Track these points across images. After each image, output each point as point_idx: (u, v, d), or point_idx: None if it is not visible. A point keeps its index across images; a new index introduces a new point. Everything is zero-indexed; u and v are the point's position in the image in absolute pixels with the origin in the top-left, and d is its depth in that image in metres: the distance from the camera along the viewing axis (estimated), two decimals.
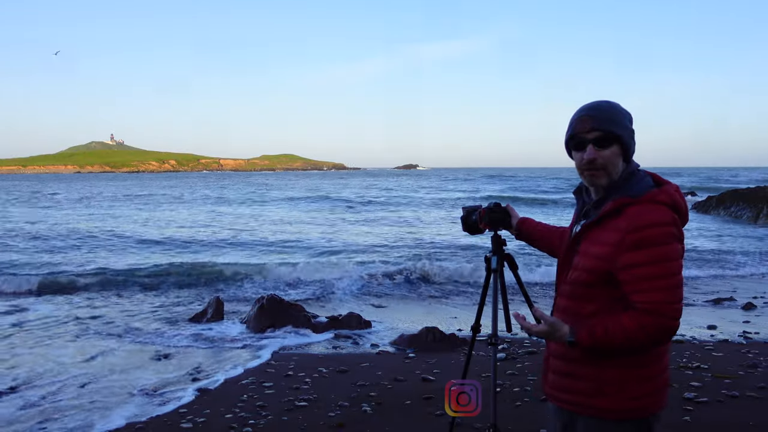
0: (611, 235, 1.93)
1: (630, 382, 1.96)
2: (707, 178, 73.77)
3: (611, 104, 2.03)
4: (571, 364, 2.03)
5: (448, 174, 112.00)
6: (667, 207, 1.93)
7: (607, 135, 1.96)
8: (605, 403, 1.97)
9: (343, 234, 19.49)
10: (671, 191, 1.97)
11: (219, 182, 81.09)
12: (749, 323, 7.70)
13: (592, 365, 1.98)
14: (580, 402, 2.02)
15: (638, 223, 1.88)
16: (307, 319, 7.64)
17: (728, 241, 16.81)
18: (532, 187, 53.82)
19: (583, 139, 2.00)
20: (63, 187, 63.33)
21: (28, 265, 12.78)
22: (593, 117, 1.98)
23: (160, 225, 22.48)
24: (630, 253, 1.88)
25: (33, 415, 4.76)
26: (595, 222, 2.01)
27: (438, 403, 4.79)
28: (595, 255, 1.97)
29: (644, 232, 1.87)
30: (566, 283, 2.09)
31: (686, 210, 2.01)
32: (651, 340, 1.87)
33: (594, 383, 1.98)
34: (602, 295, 1.98)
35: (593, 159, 1.97)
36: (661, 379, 2.00)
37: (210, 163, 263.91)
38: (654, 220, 1.89)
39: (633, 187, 1.97)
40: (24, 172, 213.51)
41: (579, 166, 2.03)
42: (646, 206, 1.91)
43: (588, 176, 2.02)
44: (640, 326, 1.86)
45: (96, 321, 8.09)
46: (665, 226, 1.89)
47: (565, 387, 2.06)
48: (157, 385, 5.45)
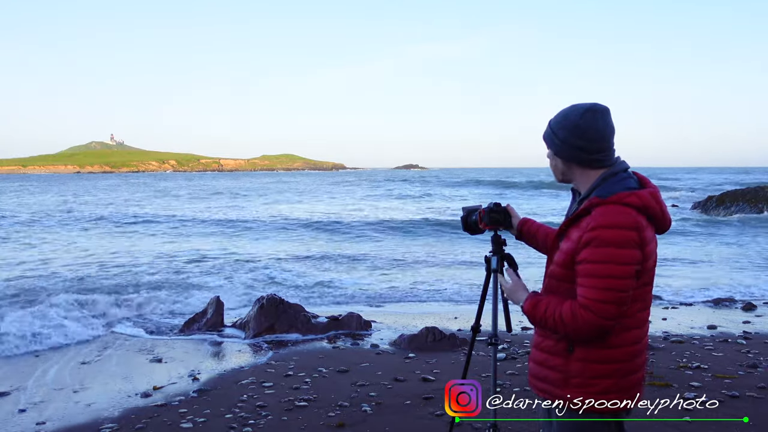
0: (577, 233, 2.04)
1: (595, 377, 2.04)
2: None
3: (553, 120, 2.18)
4: (543, 354, 2.18)
5: (441, 175, 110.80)
6: (634, 210, 1.99)
7: (550, 150, 2.20)
8: (572, 394, 2.07)
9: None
10: (644, 195, 2.03)
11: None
12: (749, 323, 7.70)
13: (560, 357, 2.10)
14: (551, 391, 2.13)
15: (596, 222, 1.98)
16: (307, 319, 7.64)
17: (728, 241, 16.81)
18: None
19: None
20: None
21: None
22: (544, 132, 2.22)
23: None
24: (584, 249, 2.00)
25: (32, 415, 4.77)
26: (571, 220, 2.11)
27: (438, 403, 4.79)
28: (564, 251, 2.10)
29: (599, 232, 1.96)
30: (547, 276, 2.23)
31: (662, 215, 2.06)
32: (580, 331, 2.00)
33: (561, 374, 2.10)
34: (571, 289, 2.08)
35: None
36: (631, 378, 2.07)
37: (210, 163, 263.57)
38: (612, 221, 1.96)
39: (608, 188, 2.06)
40: (24, 172, 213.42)
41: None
42: (611, 207, 1.99)
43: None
44: (573, 315, 1.99)
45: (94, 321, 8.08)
46: (622, 229, 1.96)
47: (539, 375, 2.19)
48: (156, 385, 5.45)
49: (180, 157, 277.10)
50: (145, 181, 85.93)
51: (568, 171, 2.18)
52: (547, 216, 24.56)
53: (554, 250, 2.19)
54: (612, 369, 2.04)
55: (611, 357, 2.03)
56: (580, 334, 2.01)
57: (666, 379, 5.26)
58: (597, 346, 2.03)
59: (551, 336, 2.13)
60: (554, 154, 2.18)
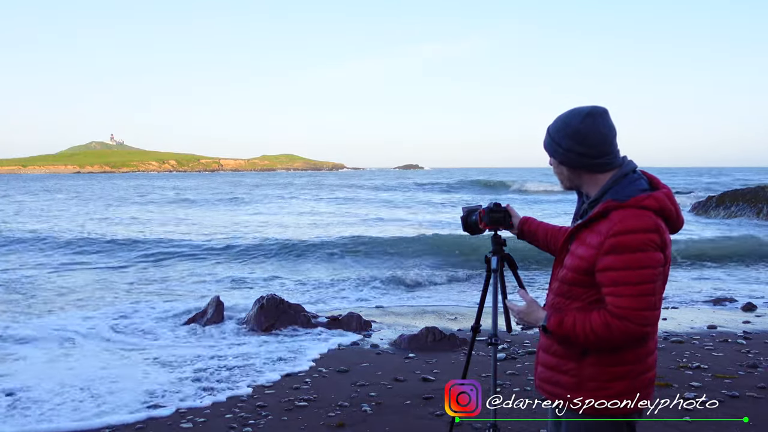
0: (595, 238, 2.00)
1: (610, 380, 2.02)
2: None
3: (552, 128, 2.14)
4: (555, 358, 2.13)
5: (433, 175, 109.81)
6: (652, 212, 1.96)
7: (553, 159, 2.16)
8: (586, 398, 2.04)
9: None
10: (660, 196, 2.00)
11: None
12: (749, 323, 7.70)
13: (574, 361, 2.06)
14: (563, 395, 2.10)
15: (618, 227, 1.93)
16: (307, 318, 7.64)
17: (728, 241, 16.79)
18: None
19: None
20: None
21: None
22: (544, 141, 2.18)
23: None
24: (607, 256, 1.94)
25: (33, 414, 4.76)
26: (585, 224, 2.07)
27: (438, 403, 4.79)
28: (579, 255, 2.05)
29: (622, 238, 1.92)
30: (556, 280, 2.18)
31: (677, 216, 2.04)
32: (615, 341, 1.95)
33: (575, 378, 2.06)
34: (585, 294, 2.05)
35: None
36: (643, 378, 2.06)
37: (210, 163, 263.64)
38: (634, 226, 1.93)
39: (622, 190, 2.01)
40: (24, 172, 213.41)
41: None
42: (629, 211, 1.95)
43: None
44: (605, 325, 1.93)
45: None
46: (645, 233, 1.92)
47: (550, 379, 2.15)
48: (156, 385, 5.44)
49: (180, 157, 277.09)
50: (111, 182, 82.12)
51: (576, 178, 2.14)
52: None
53: (564, 252, 2.16)
54: (625, 371, 2.02)
55: (624, 359, 2.02)
56: (614, 344, 1.97)
57: (666, 379, 5.26)
58: (612, 349, 2.00)
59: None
60: (559, 163, 2.14)
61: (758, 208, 22.37)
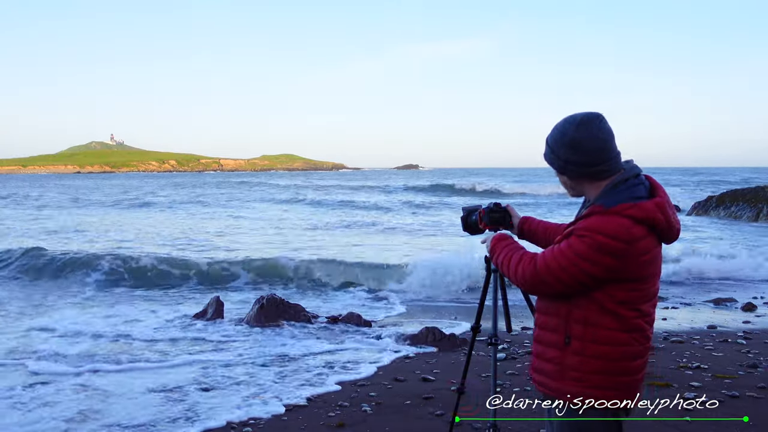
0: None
1: (593, 372, 2.04)
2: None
3: (550, 139, 2.15)
4: (542, 347, 2.17)
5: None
6: (632, 222, 1.96)
7: (555, 170, 2.20)
8: (570, 388, 2.07)
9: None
10: (648, 206, 1.99)
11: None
12: (749, 323, 7.70)
13: (558, 349, 2.10)
14: (549, 384, 2.13)
15: (585, 224, 2.00)
16: (307, 319, 7.65)
17: (728, 241, 16.80)
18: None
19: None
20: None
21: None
22: (544, 153, 2.21)
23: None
24: (566, 238, 2.04)
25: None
26: (573, 223, 2.11)
27: (438, 403, 4.79)
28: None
29: (583, 231, 1.98)
30: None
31: (667, 225, 2.02)
32: (521, 278, 2.13)
33: (558, 367, 2.09)
34: (575, 292, 2.08)
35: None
36: (629, 375, 2.06)
37: (210, 163, 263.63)
38: (599, 227, 1.96)
39: (613, 197, 2.03)
40: (24, 172, 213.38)
41: None
42: (607, 217, 1.97)
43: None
44: (520, 262, 2.13)
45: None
46: (606, 236, 1.94)
47: (538, 368, 2.19)
48: (156, 385, 5.44)
49: (180, 157, 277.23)
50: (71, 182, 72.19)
51: (578, 186, 2.17)
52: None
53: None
54: (611, 366, 2.04)
55: (610, 353, 2.03)
56: (510, 277, 2.19)
57: (666, 379, 5.26)
58: (592, 341, 2.04)
59: (549, 328, 2.13)
60: (560, 173, 2.18)
61: (758, 209, 22.36)
